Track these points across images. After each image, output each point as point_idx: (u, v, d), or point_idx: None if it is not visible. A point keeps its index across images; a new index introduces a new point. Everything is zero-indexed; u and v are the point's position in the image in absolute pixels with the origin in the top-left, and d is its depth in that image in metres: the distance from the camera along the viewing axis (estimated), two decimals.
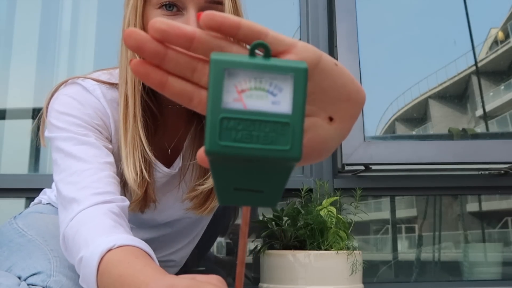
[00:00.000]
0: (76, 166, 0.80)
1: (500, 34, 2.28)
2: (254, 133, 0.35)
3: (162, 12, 0.82)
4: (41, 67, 2.07)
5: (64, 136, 0.84)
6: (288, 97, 0.35)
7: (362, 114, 1.57)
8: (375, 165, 1.56)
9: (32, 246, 0.83)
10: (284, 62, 0.35)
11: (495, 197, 1.97)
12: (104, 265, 0.66)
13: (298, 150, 0.35)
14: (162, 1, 0.81)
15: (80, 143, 0.82)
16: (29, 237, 0.88)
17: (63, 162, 0.81)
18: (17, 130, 2.05)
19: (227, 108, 0.34)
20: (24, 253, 0.82)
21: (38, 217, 1.00)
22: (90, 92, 0.88)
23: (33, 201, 1.13)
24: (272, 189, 0.38)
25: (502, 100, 2.29)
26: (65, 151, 0.82)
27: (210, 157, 0.35)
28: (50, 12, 2.11)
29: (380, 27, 1.98)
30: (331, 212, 1.22)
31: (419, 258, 1.86)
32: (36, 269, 0.75)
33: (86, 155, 0.81)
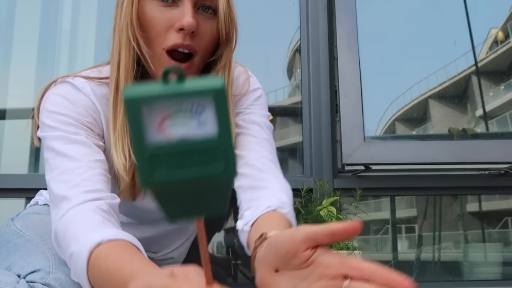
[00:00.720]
0: (67, 164, 0.80)
1: (500, 34, 2.28)
2: (186, 159, 0.35)
3: (158, 3, 0.83)
4: (41, 67, 2.07)
5: (55, 135, 0.84)
6: (212, 116, 0.34)
7: (362, 114, 1.57)
8: (375, 165, 1.56)
9: (30, 245, 0.83)
10: (199, 83, 0.34)
11: (495, 197, 1.98)
12: (93, 259, 0.67)
13: (233, 167, 0.35)
14: None
15: (71, 142, 0.83)
16: (27, 237, 0.88)
17: (54, 161, 0.82)
18: (17, 130, 2.05)
19: (152, 144, 0.34)
20: (22, 252, 0.83)
21: (35, 218, 1.00)
22: (80, 90, 0.89)
23: (30, 202, 1.13)
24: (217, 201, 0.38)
25: (502, 100, 2.29)
26: (56, 150, 0.83)
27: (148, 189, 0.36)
28: (50, 12, 2.11)
29: (380, 27, 1.98)
30: (331, 212, 1.22)
31: (419, 258, 1.86)
32: (35, 266, 0.75)
33: (77, 153, 0.81)
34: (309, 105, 1.70)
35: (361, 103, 1.57)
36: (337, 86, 1.60)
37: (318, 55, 1.72)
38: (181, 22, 0.81)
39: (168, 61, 0.83)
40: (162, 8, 0.83)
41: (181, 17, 0.82)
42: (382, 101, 1.99)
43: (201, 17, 0.85)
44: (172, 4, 0.83)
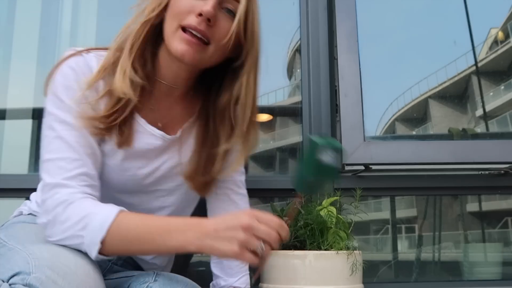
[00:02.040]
0: (66, 152, 0.91)
1: (500, 34, 2.28)
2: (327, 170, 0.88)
3: None
4: (41, 67, 2.07)
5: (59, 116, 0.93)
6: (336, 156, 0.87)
7: (362, 114, 1.57)
8: (375, 165, 1.56)
9: (12, 253, 0.85)
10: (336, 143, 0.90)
11: (495, 197, 1.98)
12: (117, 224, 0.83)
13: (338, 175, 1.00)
14: None
15: (72, 128, 0.93)
16: (10, 246, 0.90)
17: (54, 142, 0.92)
18: (17, 130, 2.05)
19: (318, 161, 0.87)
20: (3, 260, 0.84)
21: (19, 227, 1.04)
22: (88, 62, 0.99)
23: (13, 213, 1.15)
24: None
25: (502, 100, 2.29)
26: (57, 131, 0.92)
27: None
28: (50, 12, 2.11)
29: (380, 27, 1.98)
30: (331, 212, 1.22)
31: (419, 258, 1.87)
32: (15, 270, 0.76)
33: (77, 143, 0.92)
34: (309, 105, 1.70)
35: (361, 103, 1.57)
36: (337, 86, 1.60)
37: (318, 55, 1.72)
38: (202, 8, 0.92)
39: (181, 36, 0.93)
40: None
41: (204, 5, 0.93)
42: (382, 101, 1.99)
43: (221, 15, 0.95)
44: None
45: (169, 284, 0.97)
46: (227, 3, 0.95)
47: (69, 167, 0.90)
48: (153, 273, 1.01)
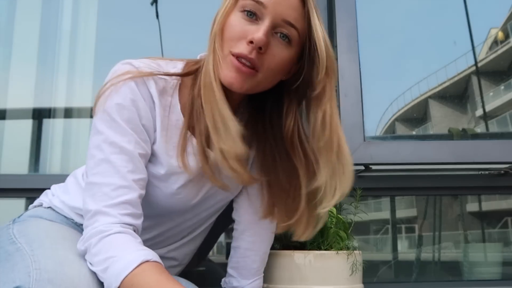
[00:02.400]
0: (112, 178, 0.88)
1: (500, 34, 2.28)
2: None
3: (243, 16, 0.90)
4: (41, 67, 2.07)
5: (109, 136, 0.90)
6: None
7: (362, 114, 1.57)
8: (375, 165, 1.56)
9: (18, 257, 0.85)
10: None
11: (495, 197, 1.98)
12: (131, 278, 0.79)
13: None
14: (246, 7, 0.90)
15: (121, 152, 0.90)
16: (18, 245, 0.89)
17: (101, 164, 0.89)
18: (17, 130, 2.05)
19: None
20: (9, 264, 0.84)
21: (34, 223, 1.02)
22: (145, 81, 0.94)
23: (33, 202, 1.13)
24: None
25: (502, 100, 2.29)
26: (105, 153, 0.89)
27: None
28: (50, 12, 2.11)
29: (380, 27, 1.98)
30: (331, 212, 1.22)
31: (419, 258, 1.87)
32: (16, 283, 0.76)
33: (124, 168, 0.89)
34: None
35: (361, 103, 1.57)
36: (337, 86, 1.60)
37: None
38: (253, 36, 0.87)
39: (231, 62, 0.89)
40: (244, 20, 0.90)
41: (255, 32, 0.88)
42: (382, 101, 1.99)
43: (275, 41, 0.91)
44: (254, 21, 0.90)
45: None
46: (282, 28, 0.91)
47: (113, 194, 0.87)
48: None
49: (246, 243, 1.14)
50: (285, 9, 0.90)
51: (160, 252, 1.12)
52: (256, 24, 0.89)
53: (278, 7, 0.89)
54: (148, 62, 0.97)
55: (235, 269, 1.14)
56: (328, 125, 0.95)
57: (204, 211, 1.10)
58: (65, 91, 2.06)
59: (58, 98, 2.05)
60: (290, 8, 0.91)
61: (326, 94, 0.94)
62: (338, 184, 0.97)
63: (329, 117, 0.95)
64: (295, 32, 0.92)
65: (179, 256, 1.16)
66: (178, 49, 1.99)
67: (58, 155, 1.99)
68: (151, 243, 1.10)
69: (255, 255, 1.13)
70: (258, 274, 1.15)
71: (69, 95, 2.05)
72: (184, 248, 1.16)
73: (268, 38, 0.88)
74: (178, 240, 1.13)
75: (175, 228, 1.10)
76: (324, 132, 0.95)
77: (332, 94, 0.95)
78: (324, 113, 0.95)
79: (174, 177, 0.98)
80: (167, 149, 0.96)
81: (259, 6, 0.89)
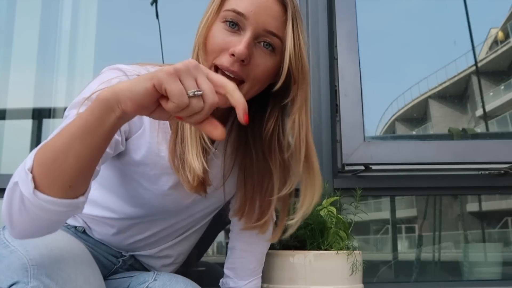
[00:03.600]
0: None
1: (500, 34, 2.28)
2: None
3: (225, 27, 0.90)
4: (41, 67, 2.07)
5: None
6: None
7: (362, 114, 1.57)
8: (375, 165, 1.56)
9: (13, 257, 0.84)
10: None
11: (495, 197, 1.98)
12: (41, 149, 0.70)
13: None
14: (227, 18, 0.90)
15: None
16: (12, 248, 0.88)
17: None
18: (17, 130, 2.05)
19: None
20: (4, 264, 0.84)
21: None
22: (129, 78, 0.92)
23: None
24: None
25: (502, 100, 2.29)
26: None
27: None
28: (50, 12, 2.11)
29: (380, 27, 1.98)
30: (331, 212, 1.22)
31: (419, 258, 1.87)
32: (14, 279, 0.76)
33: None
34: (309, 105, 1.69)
35: (361, 103, 1.57)
36: (337, 86, 1.60)
37: (318, 55, 1.72)
38: (234, 48, 0.87)
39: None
40: (225, 31, 0.90)
41: (237, 43, 0.87)
42: (382, 101, 1.99)
43: (258, 50, 0.90)
44: (236, 31, 0.90)
45: (169, 283, 0.97)
46: (265, 37, 0.90)
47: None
48: (153, 273, 1.01)
49: (242, 244, 1.14)
50: (266, 18, 0.89)
51: (152, 251, 1.13)
52: (238, 35, 0.89)
53: (259, 17, 0.89)
54: (136, 67, 0.96)
55: (232, 269, 1.14)
56: (296, 135, 0.94)
57: (198, 212, 1.10)
58: (65, 91, 2.06)
59: (58, 98, 2.05)
60: (271, 17, 0.90)
61: (296, 104, 0.94)
62: (306, 197, 0.97)
63: (297, 127, 0.94)
64: (278, 40, 0.91)
65: (173, 254, 1.16)
66: (178, 49, 1.99)
67: None
68: (145, 244, 1.11)
69: (251, 255, 1.13)
70: (255, 275, 1.15)
71: (69, 95, 2.05)
72: (178, 247, 1.16)
73: (250, 50, 0.88)
74: (172, 239, 1.14)
75: (168, 228, 1.10)
76: (290, 142, 0.96)
77: (303, 105, 0.95)
78: (293, 122, 0.95)
79: (165, 177, 0.98)
80: (159, 150, 0.96)
81: (240, 17, 0.89)
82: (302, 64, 0.93)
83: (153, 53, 1.94)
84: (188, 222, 1.12)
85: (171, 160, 0.95)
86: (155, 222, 1.08)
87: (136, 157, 0.95)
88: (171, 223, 1.09)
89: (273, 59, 0.92)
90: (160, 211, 1.05)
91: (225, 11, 0.90)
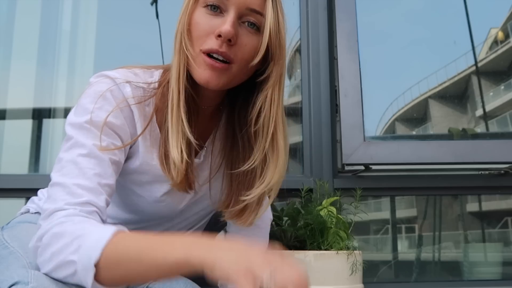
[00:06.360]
0: (77, 179, 0.82)
1: (500, 34, 2.28)
2: None
3: (206, 11, 0.89)
4: (41, 67, 2.07)
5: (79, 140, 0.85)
6: None
7: (362, 114, 1.57)
8: (375, 165, 1.56)
9: (12, 258, 0.84)
10: None
11: (495, 197, 1.98)
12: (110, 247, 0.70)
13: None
14: (208, 2, 0.89)
15: (90, 156, 0.84)
16: (11, 249, 0.89)
17: (67, 166, 0.83)
18: (17, 130, 2.05)
19: None
20: (3, 265, 0.83)
21: (24, 227, 1.01)
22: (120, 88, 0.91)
23: (20, 210, 1.13)
24: None
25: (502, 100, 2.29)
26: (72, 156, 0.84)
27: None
28: (50, 12, 2.11)
29: (380, 27, 1.98)
30: (331, 212, 1.22)
31: (419, 258, 1.87)
32: (14, 279, 0.74)
33: (91, 172, 0.83)
34: (309, 105, 1.70)
35: (361, 103, 1.57)
36: (337, 86, 1.60)
37: (318, 55, 1.72)
38: (220, 29, 0.86)
39: (204, 60, 0.88)
40: (208, 15, 0.89)
41: (222, 24, 0.87)
42: (382, 101, 1.99)
43: (243, 30, 0.89)
44: (219, 14, 0.89)
45: (169, 284, 0.97)
46: (248, 16, 0.89)
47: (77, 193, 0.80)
48: None
49: None
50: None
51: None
52: (222, 17, 0.88)
53: None
54: (124, 72, 0.94)
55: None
56: (266, 110, 0.93)
57: (194, 215, 1.10)
58: (65, 91, 2.06)
59: (58, 98, 2.05)
60: None
61: (270, 80, 0.93)
62: (268, 172, 0.96)
63: (269, 102, 0.93)
64: (261, 17, 0.90)
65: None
66: None
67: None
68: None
69: None
70: None
71: (69, 95, 2.05)
72: None
73: (235, 29, 0.87)
74: None
75: (164, 232, 1.10)
76: (259, 117, 0.94)
77: (277, 81, 0.94)
78: (264, 98, 0.94)
79: (158, 184, 0.98)
80: (151, 159, 0.95)
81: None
82: (280, 40, 0.92)
83: (153, 53, 1.94)
84: (184, 225, 1.11)
85: (159, 161, 0.94)
86: (151, 227, 1.07)
87: (131, 166, 0.95)
88: (167, 227, 1.09)
89: (258, 38, 0.91)
90: (154, 217, 1.04)
91: None
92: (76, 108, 0.90)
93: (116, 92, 0.90)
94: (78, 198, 0.79)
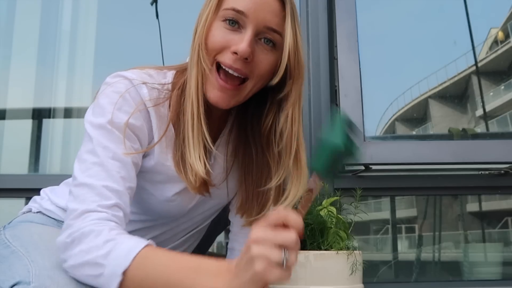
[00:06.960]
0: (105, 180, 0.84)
1: (500, 34, 2.28)
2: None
3: (225, 26, 0.90)
4: (41, 67, 2.07)
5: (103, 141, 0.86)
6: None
7: (362, 114, 1.57)
8: (375, 165, 1.56)
9: (14, 258, 0.84)
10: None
11: (495, 197, 1.98)
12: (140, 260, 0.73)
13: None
14: (227, 17, 0.89)
15: (115, 158, 0.86)
16: (13, 249, 0.89)
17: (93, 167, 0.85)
18: (17, 130, 2.05)
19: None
20: (5, 265, 0.84)
21: (25, 227, 1.01)
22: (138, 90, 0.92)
23: (22, 209, 1.13)
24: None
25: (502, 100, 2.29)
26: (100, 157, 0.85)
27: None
28: (50, 12, 2.11)
29: (380, 27, 1.98)
30: (331, 212, 1.22)
31: (419, 258, 1.87)
32: (15, 279, 0.76)
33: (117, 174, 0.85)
34: (309, 105, 1.70)
35: (361, 103, 1.57)
36: (337, 86, 1.60)
37: (318, 55, 1.72)
38: (237, 47, 0.87)
39: (216, 80, 0.89)
40: (226, 30, 0.90)
41: (239, 42, 0.87)
42: (382, 101, 1.99)
43: (260, 47, 0.91)
44: (237, 29, 0.90)
45: None
46: (266, 34, 0.90)
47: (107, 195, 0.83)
48: None
49: (240, 245, 1.13)
50: (266, 15, 0.89)
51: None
52: (239, 33, 0.89)
53: (259, 14, 0.88)
54: (139, 73, 0.95)
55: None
56: (288, 129, 0.96)
57: (199, 215, 1.11)
58: (65, 91, 2.06)
59: (58, 98, 2.05)
60: (271, 13, 0.90)
61: (290, 99, 0.95)
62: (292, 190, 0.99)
63: (290, 121, 0.96)
64: (279, 36, 0.91)
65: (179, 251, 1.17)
66: (178, 49, 1.99)
67: (58, 155, 1.99)
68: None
69: None
70: None
71: (68, 95, 2.06)
72: (178, 248, 1.16)
73: (252, 47, 0.88)
74: (172, 242, 1.14)
75: (169, 231, 1.10)
76: (282, 136, 0.97)
77: (297, 100, 0.96)
78: (286, 117, 0.96)
79: (170, 184, 0.98)
80: (166, 159, 0.96)
81: (240, 15, 0.88)
82: (299, 59, 0.94)
83: (153, 53, 1.94)
84: (189, 225, 1.12)
85: (175, 163, 0.95)
86: (156, 227, 1.08)
87: (146, 165, 0.96)
88: (172, 226, 1.09)
89: (274, 55, 0.92)
90: (162, 215, 1.05)
91: (224, 10, 0.90)
92: (94, 108, 0.90)
93: (134, 93, 0.91)
94: (108, 200, 0.82)
